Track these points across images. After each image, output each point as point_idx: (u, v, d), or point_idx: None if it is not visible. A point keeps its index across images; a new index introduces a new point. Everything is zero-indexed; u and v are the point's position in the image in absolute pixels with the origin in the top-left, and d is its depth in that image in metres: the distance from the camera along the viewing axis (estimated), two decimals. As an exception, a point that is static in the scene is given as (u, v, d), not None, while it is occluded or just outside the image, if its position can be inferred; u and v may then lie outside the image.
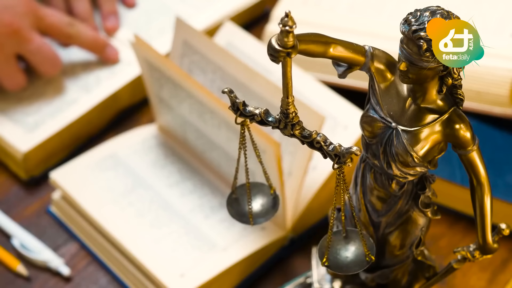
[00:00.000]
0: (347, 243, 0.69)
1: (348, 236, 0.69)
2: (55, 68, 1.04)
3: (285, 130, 0.65)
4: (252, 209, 0.73)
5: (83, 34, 1.05)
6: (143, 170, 0.98)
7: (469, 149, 0.65)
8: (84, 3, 1.09)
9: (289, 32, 0.57)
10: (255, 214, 0.73)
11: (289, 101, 0.63)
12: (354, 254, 0.68)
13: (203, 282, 0.87)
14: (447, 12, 0.62)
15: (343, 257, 0.68)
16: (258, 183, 0.74)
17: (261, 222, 0.73)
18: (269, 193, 0.74)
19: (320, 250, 0.69)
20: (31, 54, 1.01)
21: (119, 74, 1.07)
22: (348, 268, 0.68)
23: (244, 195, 0.73)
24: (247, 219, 0.73)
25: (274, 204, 0.73)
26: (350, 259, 0.68)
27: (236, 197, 0.74)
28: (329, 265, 0.68)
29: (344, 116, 0.95)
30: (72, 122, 1.02)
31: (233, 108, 0.66)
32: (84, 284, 0.92)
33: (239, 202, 0.73)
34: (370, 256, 0.68)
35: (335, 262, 0.68)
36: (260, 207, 0.73)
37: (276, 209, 0.73)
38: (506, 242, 0.93)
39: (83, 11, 1.09)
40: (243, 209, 0.73)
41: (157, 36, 1.10)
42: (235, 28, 1.04)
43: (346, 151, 0.63)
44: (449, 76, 0.63)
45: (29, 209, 0.99)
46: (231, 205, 0.74)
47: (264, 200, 0.74)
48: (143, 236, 0.92)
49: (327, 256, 0.68)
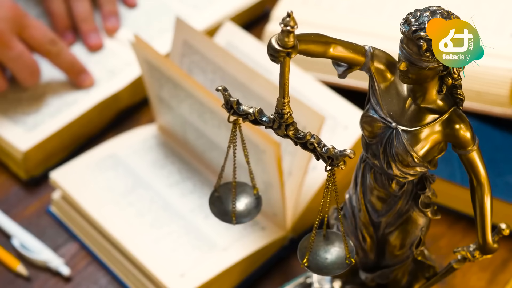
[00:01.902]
0: (327, 245, 0.69)
1: (329, 238, 0.69)
2: (34, 78, 1.02)
3: (279, 130, 0.65)
4: (235, 208, 0.72)
5: (62, 56, 1.03)
6: (143, 170, 0.98)
7: (469, 149, 0.65)
8: (84, 3, 1.09)
9: (290, 32, 0.57)
10: (238, 213, 0.73)
11: (285, 102, 0.63)
12: (335, 256, 0.68)
13: (203, 282, 0.87)
14: (447, 12, 0.62)
15: (323, 258, 0.68)
16: (241, 183, 0.74)
17: (244, 221, 0.73)
18: (252, 193, 0.74)
19: (301, 250, 0.69)
20: (10, 60, 1.00)
21: (119, 74, 1.06)
22: (328, 270, 0.68)
23: (228, 193, 0.73)
24: (229, 218, 0.72)
25: (257, 205, 0.73)
26: (330, 261, 0.68)
27: (218, 195, 0.73)
28: (309, 266, 0.68)
29: (344, 116, 0.95)
30: (72, 122, 1.02)
31: (226, 106, 0.66)
32: (84, 284, 0.92)
33: (222, 200, 0.73)
34: (351, 259, 0.68)
35: (315, 263, 0.68)
36: (243, 206, 0.73)
37: (258, 209, 0.73)
38: (506, 242, 0.93)
39: (83, 11, 1.09)
40: (226, 208, 0.73)
41: (157, 36, 1.10)
42: (235, 28, 1.04)
43: (339, 153, 0.63)
44: (449, 76, 0.63)
45: (29, 209, 0.99)
46: (213, 204, 0.73)
47: (247, 200, 0.73)
48: (143, 236, 0.92)
49: (308, 257, 0.68)
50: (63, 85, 1.05)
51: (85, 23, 1.08)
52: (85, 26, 1.09)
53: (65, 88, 1.05)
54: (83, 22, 1.08)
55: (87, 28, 1.09)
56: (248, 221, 0.73)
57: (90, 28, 1.09)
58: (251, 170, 0.72)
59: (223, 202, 0.73)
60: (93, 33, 1.09)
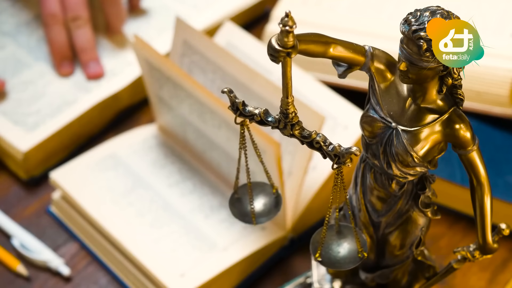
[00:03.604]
0: (340, 238, 0.69)
1: (341, 232, 0.69)
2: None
3: (284, 130, 0.65)
4: (254, 209, 0.73)
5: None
6: (143, 170, 0.98)
7: (469, 149, 0.65)
8: (85, 32, 1.06)
9: (289, 32, 0.57)
10: (257, 213, 0.73)
11: (288, 101, 0.63)
12: (347, 250, 0.68)
13: (203, 282, 0.87)
14: (447, 12, 0.62)
15: (336, 252, 0.68)
16: (260, 183, 0.74)
17: (264, 221, 0.73)
18: (271, 192, 0.74)
19: (313, 244, 0.69)
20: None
21: (119, 74, 1.06)
22: (340, 264, 0.68)
23: (246, 194, 0.73)
24: (249, 219, 0.73)
25: (276, 203, 0.73)
26: (343, 255, 0.68)
27: (238, 197, 0.74)
28: (321, 260, 0.68)
29: (344, 116, 0.95)
30: (72, 122, 1.02)
31: (232, 108, 0.66)
32: (84, 284, 0.92)
33: (242, 202, 0.73)
34: (363, 253, 0.68)
35: (327, 257, 0.68)
36: (262, 206, 0.73)
37: (278, 208, 0.73)
38: (506, 242, 0.93)
39: (82, 41, 1.06)
40: (245, 209, 0.73)
41: (157, 36, 1.10)
42: (235, 28, 1.04)
43: (345, 151, 0.63)
44: (449, 76, 0.63)
45: (29, 209, 0.99)
46: (233, 205, 0.74)
47: (266, 200, 0.74)
48: (143, 236, 0.92)
49: (320, 251, 0.68)
50: (63, 85, 1.05)
51: (85, 53, 1.06)
52: (85, 56, 1.06)
53: (65, 88, 1.05)
54: (82, 52, 1.06)
55: (86, 58, 1.06)
56: (268, 220, 0.73)
57: (89, 58, 1.06)
58: (266, 169, 0.72)
59: (243, 203, 0.73)
60: (93, 62, 1.06)
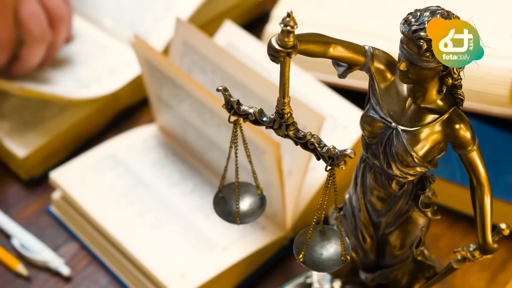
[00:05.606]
0: (323, 241, 0.69)
1: (326, 234, 0.69)
2: None
3: (279, 130, 0.65)
4: (239, 209, 0.73)
5: None
6: (143, 170, 0.98)
7: (469, 149, 0.65)
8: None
9: (290, 32, 0.57)
10: (242, 213, 0.73)
11: (285, 102, 0.63)
12: (331, 252, 0.68)
13: (203, 282, 0.87)
14: (447, 12, 0.62)
15: (319, 254, 0.68)
16: (245, 183, 0.74)
17: (248, 221, 0.73)
18: (256, 193, 0.74)
19: (297, 246, 0.68)
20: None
21: (119, 74, 1.06)
22: (323, 266, 0.68)
23: (232, 194, 0.73)
24: (233, 218, 0.73)
25: (261, 204, 0.73)
26: (326, 257, 0.68)
27: (223, 196, 0.73)
28: (304, 262, 0.68)
29: (344, 116, 0.95)
30: (72, 122, 1.02)
31: (227, 106, 0.66)
32: (84, 284, 0.92)
33: (226, 201, 0.73)
34: (346, 256, 0.68)
35: (310, 259, 0.68)
36: (247, 206, 0.73)
37: (263, 209, 0.73)
38: (506, 242, 0.93)
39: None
40: (229, 208, 0.73)
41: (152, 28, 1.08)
42: (235, 28, 1.04)
43: (340, 153, 0.63)
44: (449, 76, 0.63)
45: (29, 209, 0.99)
46: (217, 204, 0.73)
47: (251, 200, 0.73)
48: (143, 236, 0.92)
49: (304, 252, 0.68)
50: (63, 85, 1.05)
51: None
52: None
53: (65, 88, 1.05)
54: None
55: None
56: (252, 221, 0.73)
57: None
58: (253, 170, 0.72)
59: (227, 203, 0.73)
60: None
